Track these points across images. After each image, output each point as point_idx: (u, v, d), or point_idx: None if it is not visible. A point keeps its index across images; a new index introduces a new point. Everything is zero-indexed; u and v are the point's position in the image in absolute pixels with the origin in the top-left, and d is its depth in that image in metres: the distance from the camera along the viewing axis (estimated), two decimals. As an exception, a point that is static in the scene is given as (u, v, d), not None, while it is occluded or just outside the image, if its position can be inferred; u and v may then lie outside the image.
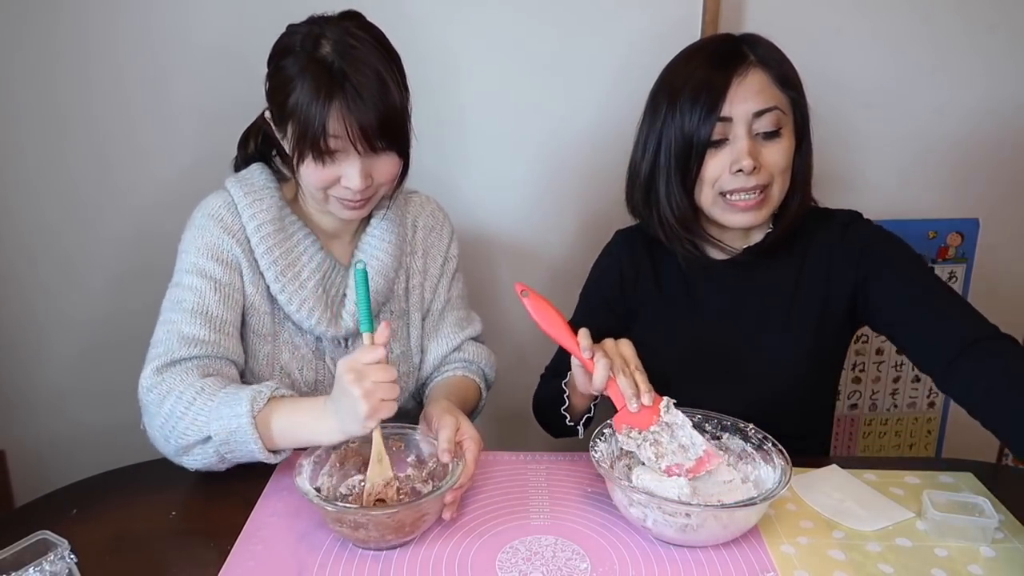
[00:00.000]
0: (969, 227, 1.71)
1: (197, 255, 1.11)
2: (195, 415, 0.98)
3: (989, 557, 0.92)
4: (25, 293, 1.69)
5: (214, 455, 0.99)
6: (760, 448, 1.01)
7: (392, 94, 1.02)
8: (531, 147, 1.64)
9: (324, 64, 1.00)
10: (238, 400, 0.97)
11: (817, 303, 1.16)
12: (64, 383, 1.75)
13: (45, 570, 0.78)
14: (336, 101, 0.99)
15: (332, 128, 1.00)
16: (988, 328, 1.03)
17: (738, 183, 1.07)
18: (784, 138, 1.08)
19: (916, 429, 1.87)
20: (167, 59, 1.54)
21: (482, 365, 1.30)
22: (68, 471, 1.19)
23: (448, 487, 0.93)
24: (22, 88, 1.55)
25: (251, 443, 0.97)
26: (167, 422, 1.00)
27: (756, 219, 1.10)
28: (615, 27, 1.55)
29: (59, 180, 1.62)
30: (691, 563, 0.90)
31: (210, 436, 0.98)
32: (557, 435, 1.25)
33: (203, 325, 1.07)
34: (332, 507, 0.90)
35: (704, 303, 1.20)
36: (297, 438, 0.99)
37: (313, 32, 1.03)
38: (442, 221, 1.29)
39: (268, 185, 1.15)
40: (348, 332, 1.17)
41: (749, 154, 1.04)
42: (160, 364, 1.03)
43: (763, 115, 1.05)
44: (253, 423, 0.96)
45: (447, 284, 1.29)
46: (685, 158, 1.08)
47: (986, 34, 1.58)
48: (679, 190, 1.11)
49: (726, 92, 1.04)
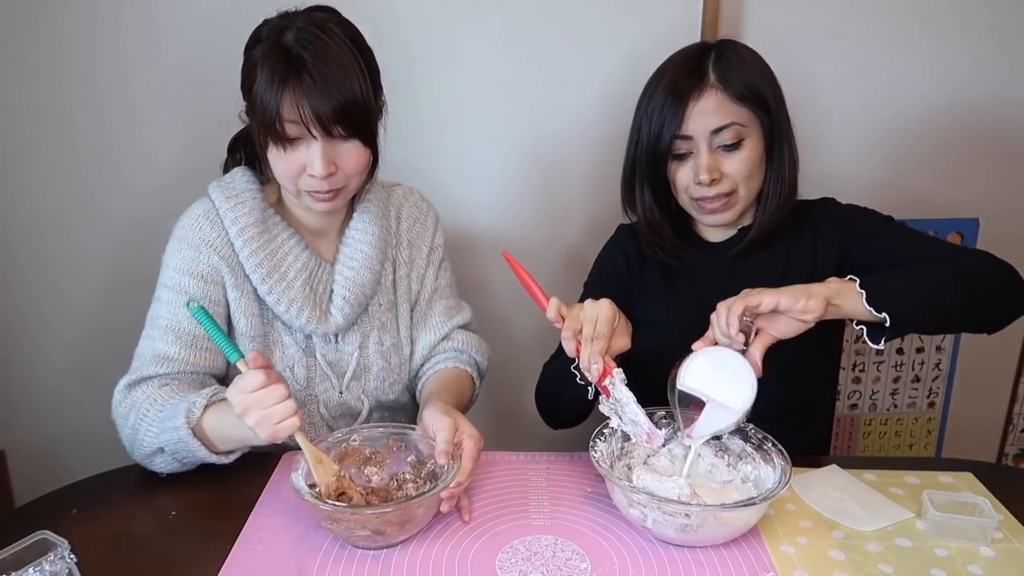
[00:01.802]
0: (969, 227, 1.72)
1: (175, 270, 1.13)
2: (148, 427, 1.04)
3: (989, 557, 0.92)
4: (27, 293, 1.69)
5: (174, 462, 1.04)
6: (760, 448, 1.01)
7: (351, 81, 1.03)
8: (528, 146, 1.64)
9: (283, 50, 1.03)
10: (176, 413, 1.01)
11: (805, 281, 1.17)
12: (65, 383, 1.75)
13: (45, 570, 0.78)
14: (290, 85, 1.01)
15: (286, 112, 1.02)
16: (959, 249, 1.17)
17: (702, 192, 1.16)
18: (746, 148, 1.15)
19: (916, 429, 1.87)
20: (171, 58, 1.55)
21: (473, 354, 1.30)
22: (68, 471, 1.19)
23: (439, 489, 0.93)
24: (27, 87, 1.56)
25: (196, 451, 1.01)
26: (132, 434, 1.06)
27: (725, 219, 1.19)
28: (615, 27, 1.56)
29: (63, 181, 1.62)
30: (691, 563, 0.90)
31: (162, 447, 1.03)
32: (559, 424, 1.26)
33: (174, 342, 1.10)
34: (326, 506, 0.90)
35: (700, 290, 1.23)
36: (233, 441, 1.03)
37: (280, 23, 1.06)
38: (426, 211, 1.30)
39: (250, 188, 1.16)
40: (338, 328, 1.18)
41: (708, 169, 1.13)
42: (129, 381, 1.09)
43: (721, 131, 1.13)
44: (191, 433, 1.00)
45: (434, 273, 1.30)
46: (652, 169, 1.19)
47: (984, 34, 1.58)
48: (651, 199, 1.22)
49: (684, 113, 1.13)
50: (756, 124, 1.15)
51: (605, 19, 1.55)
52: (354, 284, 1.18)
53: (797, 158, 1.19)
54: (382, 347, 1.23)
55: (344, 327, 1.19)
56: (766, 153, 1.17)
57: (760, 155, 1.16)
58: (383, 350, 1.23)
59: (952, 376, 1.83)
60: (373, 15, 1.11)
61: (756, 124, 1.15)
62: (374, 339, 1.23)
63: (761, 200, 1.20)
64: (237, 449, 1.05)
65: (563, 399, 1.19)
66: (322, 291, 1.18)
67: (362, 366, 1.22)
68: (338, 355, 1.21)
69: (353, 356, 1.21)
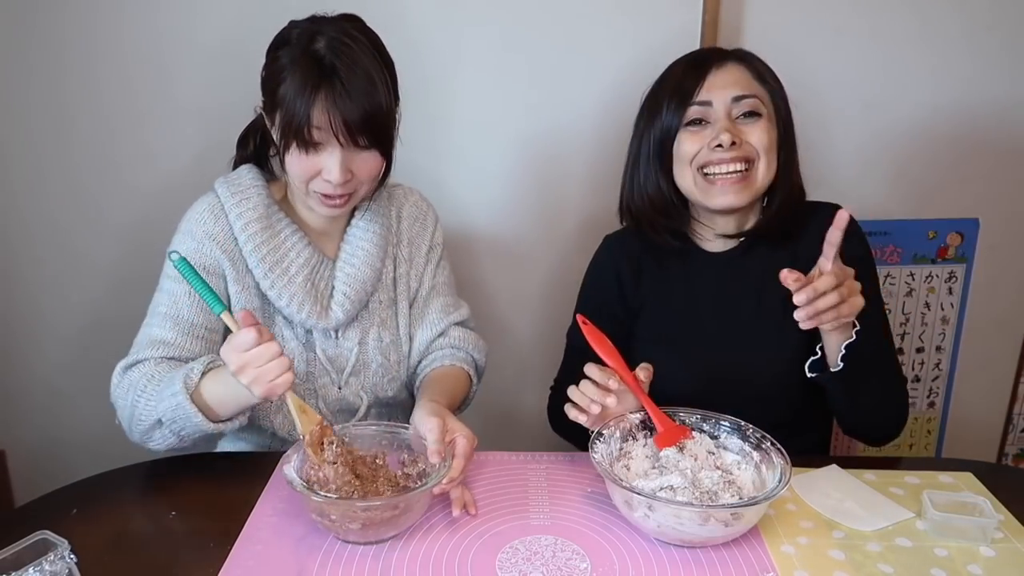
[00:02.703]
0: (969, 227, 1.72)
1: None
2: (146, 401, 1.05)
3: (989, 557, 0.92)
4: (27, 292, 1.70)
5: (171, 435, 1.05)
6: (759, 448, 1.01)
7: (379, 94, 1.05)
8: (530, 149, 1.64)
9: (316, 57, 1.04)
10: (173, 380, 1.02)
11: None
12: (64, 383, 1.75)
13: (45, 570, 0.78)
14: (323, 92, 1.03)
15: (316, 119, 1.03)
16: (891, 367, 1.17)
17: (719, 156, 1.10)
18: (765, 120, 1.12)
19: (916, 429, 1.87)
20: (173, 58, 1.55)
21: (470, 350, 1.30)
22: (68, 471, 1.19)
23: (431, 485, 0.93)
24: (28, 87, 1.56)
25: (193, 417, 1.01)
26: (130, 412, 1.07)
27: (738, 199, 1.12)
28: (615, 29, 1.56)
29: (64, 180, 1.62)
30: (691, 563, 0.90)
31: (160, 419, 1.03)
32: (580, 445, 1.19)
33: (172, 328, 1.12)
34: (318, 497, 0.90)
35: (702, 294, 1.21)
36: (231, 405, 1.03)
37: (311, 28, 1.07)
38: (425, 210, 1.31)
39: (255, 184, 1.17)
40: (338, 323, 1.19)
41: (727, 129, 1.09)
42: (126, 363, 1.10)
43: (742, 100, 1.11)
44: (189, 399, 1.00)
45: (432, 270, 1.31)
46: (662, 141, 1.15)
47: (984, 34, 1.58)
48: (656, 173, 1.17)
49: (703, 80, 1.11)
50: (771, 108, 1.13)
51: (605, 21, 1.55)
52: (355, 280, 1.19)
53: (796, 157, 1.18)
54: (381, 343, 1.24)
55: (344, 323, 1.20)
56: (778, 146, 1.14)
57: (775, 141, 1.13)
58: (382, 346, 1.24)
59: (952, 376, 1.83)
60: (376, 15, 1.11)
61: (771, 108, 1.13)
62: (374, 335, 1.23)
63: (769, 196, 1.17)
64: (236, 417, 1.05)
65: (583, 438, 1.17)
66: (323, 287, 1.19)
67: (361, 362, 1.23)
68: (338, 351, 1.21)
69: (353, 352, 1.22)
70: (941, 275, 1.75)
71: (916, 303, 1.78)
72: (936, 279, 1.76)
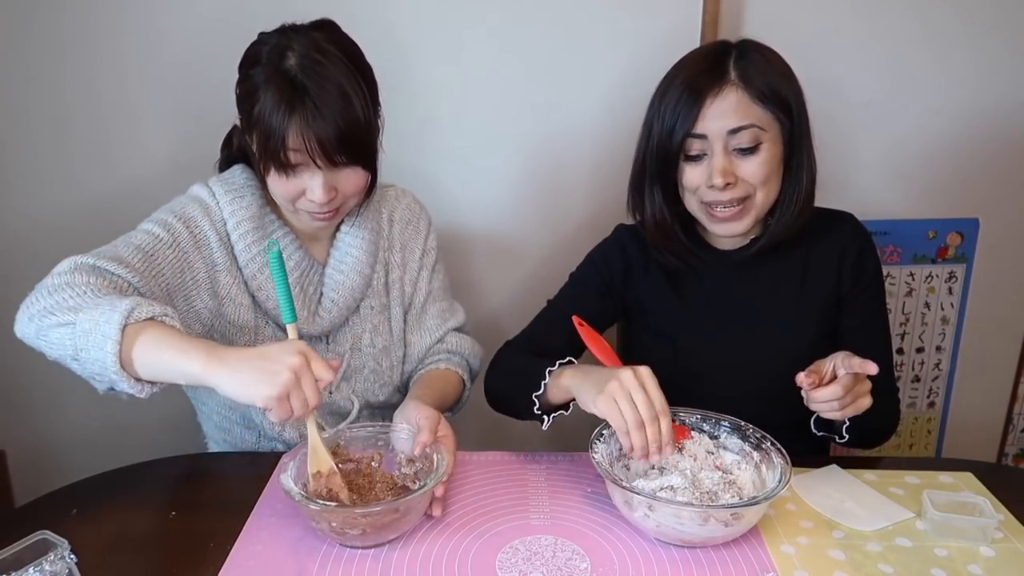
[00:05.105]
0: (969, 227, 1.72)
1: (169, 214, 1.10)
2: (71, 298, 0.93)
3: (989, 557, 0.92)
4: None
5: (70, 345, 0.91)
6: (759, 448, 1.01)
7: (354, 109, 1.02)
8: (529, 148, 1.64)
9: (287, 76, 1.01)
10: (118, 304, 0.89)
11: (824, 289, 1.19)
12: (64, 383, 1.73)
13: (45, 570, 0.78)
14: (296, 115, 1.00)
15: (291, 142, 1.01)
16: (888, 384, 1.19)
17: (714, 196, 1.10)
18: (764, 152, 1.08)
19: (916, 429, 1.87)
20: (173, 59, 1.55)
21: (466, 355, 1.30)
22: (68, 471, 1.19)
23: (430, 487, 0.93)
24: (27, 87, 1.56)
25: (106, 345, 0.87)
26: (46, 297, 0.95)
27: (738, 228, 1.13)
28: (615, 28, 1.55)
29: (62, 180, 1.62)
30: (691, 563, 0.91)
31: (74, 323, 0.90)
32: (517, 417, 1.17)
33: (141, 261, 1.02)
34: (316, 505, 0.90)
35: (712, 292, 1.21)
36: (165, 368, 0.89)
37: (281, 43, 1.03)
38: (418, 214, 1.30)
39: (248, 184, 1.15)
40: (324, 330, 1.19)
41: (722, 172, 1.07)
42: (80, 263, 0.98)
43: (739, 132, 1.07)
44: (120, 326, 0.87)
45: (427, 276, 1.29)
46: (663, 169, 1.13)
47: (984, 34, 1.58)
48: (661, 200, 1.16)
49: (700, 111, 1.07)
50: (776, 128, 1.09)
51: (605, 20, 1.55)
52: (343, 287, 1.18)
53: (815, 169, 1.14)
54: (374, 349, 1.24)
55: (331, 329, 1.20)
56: (784, 159, 1.12)
57: (778, 160, 1.10)
58: (375, 352, 1.24)
59: (952, 376, 1.83)
60: (372, 16, 1.11)
61: (776, 128, 1.09)
62: (366, 341, 1.23)
63: (775, 209, 1.14)
64: (146, 382, 0.92)
65: (515, 406, 1.14)
66: (312, 292, 1.18)
67: (353, 367, 1.23)
68: (329, 356, 1.21)
69: (344, 358, 1.21)
70: (941, 275, 1.75)
71: (916, 303, 1.78)
72: (936, 279, 1.76)
